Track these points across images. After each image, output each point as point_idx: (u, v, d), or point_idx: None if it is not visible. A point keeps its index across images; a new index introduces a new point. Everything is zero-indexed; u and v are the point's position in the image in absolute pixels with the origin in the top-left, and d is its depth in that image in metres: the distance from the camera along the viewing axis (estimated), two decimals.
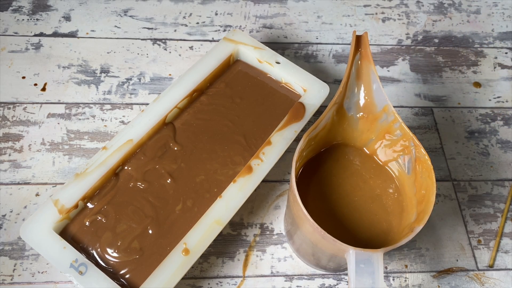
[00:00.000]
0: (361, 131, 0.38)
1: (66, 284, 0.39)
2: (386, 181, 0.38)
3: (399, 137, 0.36)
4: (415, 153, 0.35)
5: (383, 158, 0.38)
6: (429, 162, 0.33)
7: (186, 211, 0.38)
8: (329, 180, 0.38)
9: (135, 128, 0.40)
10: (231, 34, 0.46)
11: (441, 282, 0.42)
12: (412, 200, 0.35)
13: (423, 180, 0.34)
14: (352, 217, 0.36)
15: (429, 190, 0.33)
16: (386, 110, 0.35)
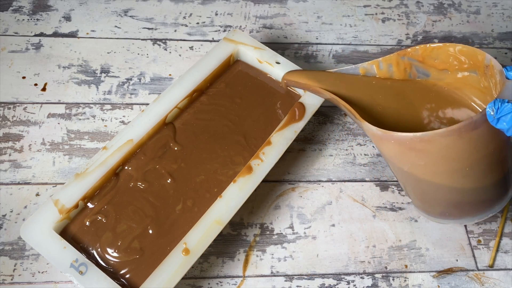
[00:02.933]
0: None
1: (66, 284, 0.39)
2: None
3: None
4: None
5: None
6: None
7: (186, 211, 0.38)
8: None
9: (135, 128, 0.40)
10: (231, 34, 0.46)
11: (441, 282, 0.42)
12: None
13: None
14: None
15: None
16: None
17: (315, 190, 0.45)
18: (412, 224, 0.44)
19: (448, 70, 0.37)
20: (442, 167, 0.32)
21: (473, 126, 0.29)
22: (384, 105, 0.39)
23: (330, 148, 0.48)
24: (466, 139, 0.30)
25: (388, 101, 0.39)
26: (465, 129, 0.29)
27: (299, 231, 0.43)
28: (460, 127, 0.28)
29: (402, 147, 0.32)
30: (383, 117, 0.38)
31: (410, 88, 0.39)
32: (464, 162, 0.32)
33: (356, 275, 0.41)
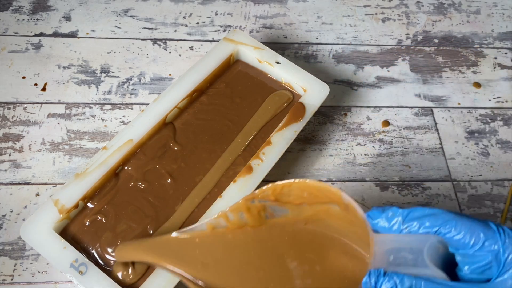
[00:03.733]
0: None
1: (66, 284, 0.39)
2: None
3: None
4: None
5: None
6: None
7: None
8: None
9: (135, 128, 0.40)
10: (231, 34, 0.46)
11: None
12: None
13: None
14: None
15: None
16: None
17: None
18: None
19: (307, 204, 0.32)
20: None
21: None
22: (245, 266, 0.31)
23: (330, 148, 0.48)
24: None
25: (249, 258, 0.32)
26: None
27: None
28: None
29: None
30: (249, 280, 0.31)
31: (270, 234, 0.32)
32: None
33: None
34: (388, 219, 0.25)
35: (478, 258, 0.23)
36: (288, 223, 0.32)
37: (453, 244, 0.24)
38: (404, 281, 0.23)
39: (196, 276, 0.31)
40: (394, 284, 0.23)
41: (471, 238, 0.23)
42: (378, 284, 0.23)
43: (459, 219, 0.24)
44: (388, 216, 0.25)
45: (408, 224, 0.24)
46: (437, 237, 0.24)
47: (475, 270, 0.23)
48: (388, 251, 0.24)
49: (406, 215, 0.25)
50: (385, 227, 0.25)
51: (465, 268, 0.24)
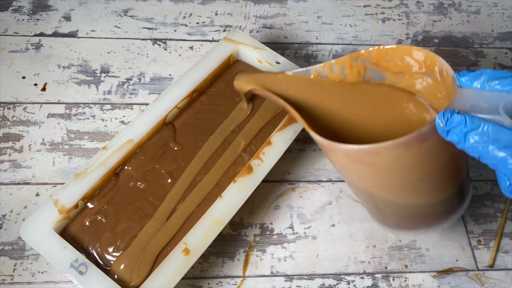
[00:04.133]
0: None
1: (66, 284, 0.39)
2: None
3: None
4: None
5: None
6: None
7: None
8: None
9: (135, 128, 0.40)
10: (231, 34, 0.46)
11: (441, 282, 0.42)
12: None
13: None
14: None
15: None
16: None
17: (315, 190, 0.45)
18: None
19: (404, 73, 0.35)
20: (392, 180, 0.31)
21: (422, 138, 0.27)
22: (337, 109, 0.37)
23: None
24: (415, 152, 0.28)
25: (342, 105, 0.37)
26: (414, 142, 0.27)
27: (299, 231, 0.43)
28: (408, 139, 0.26)
29: (349, 159, 0.30)
30: (336, 122, 0.36)
31: (365, 91, 0.37)
32: (414, 176, 0.30)
33: (356, 275, 0.41)
34: (475, 77, 0.27)
35: None
36: (383, 88, 0.36)
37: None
38: (474, 120, 0.25)
39: (293, 104, 0.36)
40: (464, 120, 0.25)
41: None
42: (450, 118, 0.25)
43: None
44: (476, 75, 0.27)
45: (491, 82, 0.26)
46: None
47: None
48: (466, 100, 0.27)
49: (492, 74, 0.26)
50: (471, 84, 0.27)
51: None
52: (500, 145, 0.24)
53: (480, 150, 0.24)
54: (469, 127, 0.25)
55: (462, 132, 0.25)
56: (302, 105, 0.37)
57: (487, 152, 0.24)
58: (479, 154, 0.25)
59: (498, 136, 0.24)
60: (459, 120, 0.25)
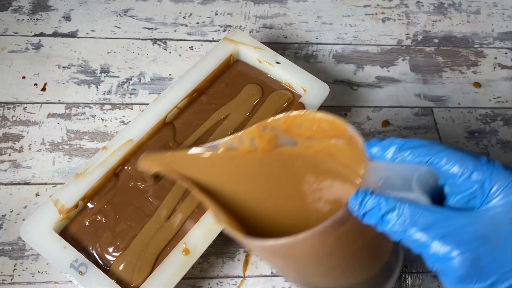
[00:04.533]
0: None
1: (66, 284, 0.38)
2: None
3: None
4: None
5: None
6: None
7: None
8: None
9: (135, 128, 0.40)
10: (231, 34, 0.46)
11: (441, 283, 0.42)
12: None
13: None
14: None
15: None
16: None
17: None
18: None
19: (316, 137, 0.33)
20: (314, 268, 0.29)
21: (338, 224, 0.25)
22: (251, 187, 0.34)
23: None
24: (334, 238, 0.26)
25: (256, 180, 0.35)
26: (330, 229, 0.25)
27: None
28: (323, 228, 0.24)
29: (267, 253, 0.29)
30: (253, 202, 0.34)
31: (277, 160, 0.35)
32: (337, 260, 0.28)
33: None
34: (384, 147, 0.25)
35: (465, 187, 0.23)
36: (296, 153, 0.35)
37: (443, 174, 0.24)
38: (389, 201, 0.23)
39: (204, 187, 0.34)
40: (378, 202, 0.23)
41: (460, 168, 0.23)
42: (364, 201, 0.24)
43: (452, 150, 0.24)
44: (385, 145, 0.25)
45: (403, 153, 0.25)
46: (428, 168, 0.24)
47: (460, 199, 0.24)
48: (379, 176, 0.25)
49: (402, 144, 0.25)
50: (381, 155, 0.25)
51: (451, 198, 0.24)
52: (419, 228, 0.22)
53: (399, 235, 0.23)
54: (383, 209, 0.23)
55: (378, 216, 0.23)
56: (212, 187, 0.34)
57: (407, 237, 0.23)
58: (399, 238, 0.23)
59: (416, 217, 0.22)
60: (373, 203, 0.23)
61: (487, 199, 0.23)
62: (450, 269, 0.22)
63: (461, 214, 0.23)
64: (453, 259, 0.22)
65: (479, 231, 0.22)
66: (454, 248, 0.22)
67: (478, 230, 0.22)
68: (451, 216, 0.22)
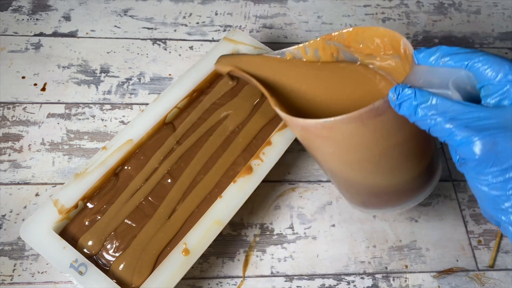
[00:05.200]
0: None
1: (66, 284, 0.38)
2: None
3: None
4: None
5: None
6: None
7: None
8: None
9: (135, 128, 0.40)
10: (231, 34, 0.46)
11: (441, 282, 0.42)
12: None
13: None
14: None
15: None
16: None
17: (315, 190, 0.45)
18: (412, 224, 0.44)
19: (375, 55, 0.36)
20: (350, 155, 0.31)
21: (376, 113, 0.27)
22: (309, 88, 0.38)
23: None
24: (371, 126, 0.28)
25: (314, 84, 0.38)
26: (367, 116, 0.27)
27: (299, 231, 0.43)
28: (361, 113, 0.27)
29: (309, 134, 0.31)
30: (308, 101, 0.37)
31: (338, 70, 0.38)
32: (372, 151, 0.30)
33: (356, 275, 0.41)
34: (430, 53, 0.27)
35: (498, 87, 0.25)
36: (358, 67, 0.37)
37: (480, 77, 0.25)
38: (423, 93, 0.25)
39: (267, 83, 0.38)
40: (414, 94, 0.25)
41: (495, 70, 0.25)
42: (401, 93, 0.26)
43: (490, 55, 0.25)
44: (432, 51, 0.27)
45: (445, 58, 0.27)
46: (467, 72, 0.26)
47: (493, 99, 0.25)
48: (420, 76, 0.27)
49: (447, 50, 0.27)
50: (427, 60, 0.28)
51: (485, 99, 0.25)
52: (447, 118, 0.24)
53: (429, 123, 0.25)
54: (418, 100, 0.25)
55: (412, 106, 0.25)
56: (275, 85, 0.38)
57: (436, 125, 0.25)
58: (428, 127, 0.25)
59: (445, 109, 0.25)
60: (409, 94, 0.26)
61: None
62: (470, 153, 0.24)
63: (488, 109, 0.24)
64: (473, 143, 0.23)
65: (502, 123, 0.23)
66: (475, 134, 0.23)
67: (501, 121, 0.24)
68: (478, 109, 0.24)
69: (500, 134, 0.23)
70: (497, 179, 0.23)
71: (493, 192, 0.23)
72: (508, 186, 0.23)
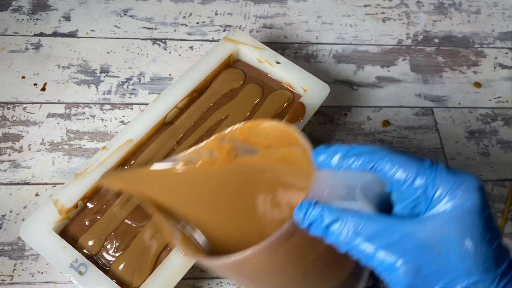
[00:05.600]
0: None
1: (66, 284, 0.38)
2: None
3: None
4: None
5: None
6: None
7: None
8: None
9: (135, 128, 0.40)
10: (231, 34, 0.46)
11: None
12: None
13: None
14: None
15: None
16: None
17: None
18: None
19: (274, 145, 0.32)
20: (271, 283, 0.28)
21: (286, 238, 0.24)
22: (214, 203, 0.33)
23: None
24: (283, 251, 0.24)
25: (219, 194, 0.34)
26: (278, 244, 0.24)
27: None
28: (270, 243, 0.23)
29: (220, 269, 0.28)
30: (219, 216, 0.33)
31: (240, 170, 0.34)
32: (293, 274, 0.27)
33: None
34: (330, 155, 0.25)
35: (409, 193, 0.23)
36: (256, 163, 0.34)
37: (388, 181, 0.23)
38: (332, 211, 0.22)
39: (164, 204, 0.33)
40: (321, 213, 0.23)
41: (404, 173, 0.23)
42: (307, 213, 0.23)
43: (396, 154, 0.23)
44: (331, 152, 0.25)
45: (347, 160, 0.24)
46: (373, 175, 0.24)
47: (406, 206, 0.23)
48: (325, 185, 0.24)
49: (347, 151, 0.24)
50: (328, 163, 0.25)
51: (398, 205, 0.23)
52: (364, 238, 0.22)
53: (345, 246, 0.22)
54: (327, 220, 0.22)
55: (322, 227, 0.23)
56: (173, 206, 0.33)
57: (353, 247, 0.22)
58: (345, 250, 0.23)
59: (359, 227, 0.22)
60: (316, 214, 0.23)
61: (431, 205, 0.22)
62: (396, 279, 0.21)
63: (405, 222, 0.22)
64: (397, 269, 0.21)
65: (422, 240, 0.21)
66: (399, 258, 0.21)
67: (421, 238, 0.21)
68: (395, 224, 0.22)
69: (424, 257, 0.21)
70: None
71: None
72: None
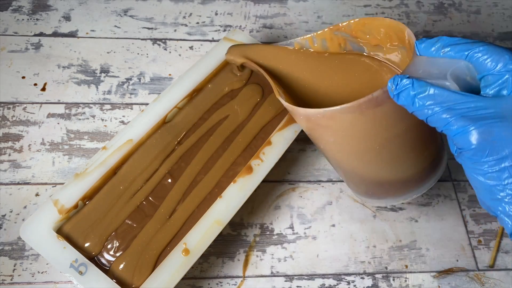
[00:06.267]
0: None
1: (66, 284, 0.38)
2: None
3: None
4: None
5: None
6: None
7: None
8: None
9: (135, 128, 0.40)
10: (231, 34, 0.46)
11: (441, 282, 0.42)
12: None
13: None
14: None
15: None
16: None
17: (315, 190, 0.45)
18: (412, 224, 0.44)
19: (382, 45, 0.36)
20: (351, 145, 0.31)
21: (375, 103, 0.27)
22: (315, 78, 0.38)
23: None
24: (370, 116, 0.28)
25: (320, 74, 0.38)
26: (366, 106, 0.27)
27: (299, 231, 0.43)
28: (359, 103, 0.27)
29: (311, 123, 0.31)
30: (314, 91, 0.38)
31: (344, 60, 0.38)
32: (372, 142, 0.30)
33: (357, 275, 0.41)
34: (432, 43, 0.28)
35: (498, 77, 0.25)
36: (363, 60, 0.38)
37: (480, 68, 0.26)
38: (421, 84, 0.25)
39: (274, 73, 0.39)
40: (412, 84, 0.26)
41: (497, 60, 0.25)
42: (399, 83, 0.26)
43: (490, 45, 0.26)
44: (433, 41, 0.28)
45: (446, 48, 0.27)
46: (466, 63, 0.26)
47: (492, 89, 0.25)
48: (419, 67, 0.27)
49: (448, 41, 0.27)
50: (428, 50, 0.28)
51: (484, 90, 0.25)
52: (444, 108, 0.25)
53: (426, 113, 0.25)
54: (416, 90, 0.25)
55: (410, 96, 0.26)
56: (282, 75, 0.39)
57: (433, 115, 0.25)
58: (426, 117, 0.25)
59: (443, 99, 0.25)
60: (407, 84, 0.26)
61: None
62: (466, 143, 0.24)
63: (485, 99, 0.24)
64: (469, 132, 0.24)
65: (498, 112, 0.24)
66: (471, 124, 0.24)
67: (497, 111, 0.24)
68: (475, 99, 0.24)
69: (496, 124, 0.23)
70: (492, 169, 0.23)
71: (489, 181, 0.24)
72: (503, 175, 0.23)
